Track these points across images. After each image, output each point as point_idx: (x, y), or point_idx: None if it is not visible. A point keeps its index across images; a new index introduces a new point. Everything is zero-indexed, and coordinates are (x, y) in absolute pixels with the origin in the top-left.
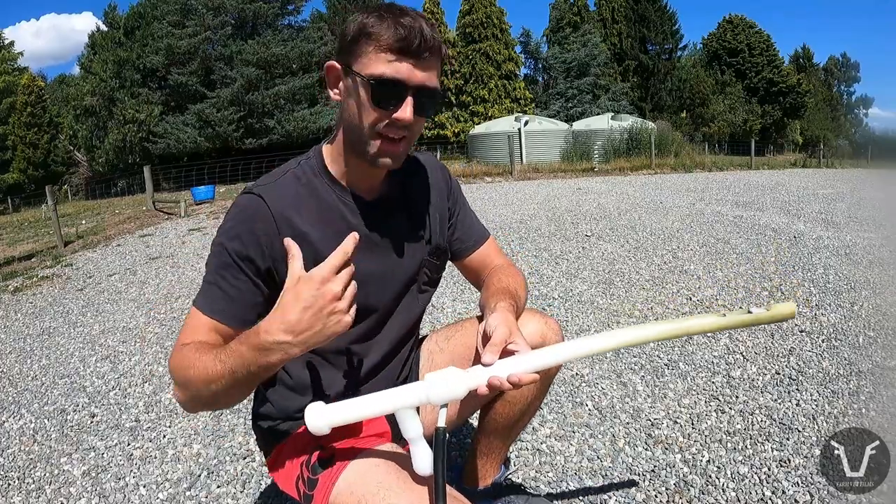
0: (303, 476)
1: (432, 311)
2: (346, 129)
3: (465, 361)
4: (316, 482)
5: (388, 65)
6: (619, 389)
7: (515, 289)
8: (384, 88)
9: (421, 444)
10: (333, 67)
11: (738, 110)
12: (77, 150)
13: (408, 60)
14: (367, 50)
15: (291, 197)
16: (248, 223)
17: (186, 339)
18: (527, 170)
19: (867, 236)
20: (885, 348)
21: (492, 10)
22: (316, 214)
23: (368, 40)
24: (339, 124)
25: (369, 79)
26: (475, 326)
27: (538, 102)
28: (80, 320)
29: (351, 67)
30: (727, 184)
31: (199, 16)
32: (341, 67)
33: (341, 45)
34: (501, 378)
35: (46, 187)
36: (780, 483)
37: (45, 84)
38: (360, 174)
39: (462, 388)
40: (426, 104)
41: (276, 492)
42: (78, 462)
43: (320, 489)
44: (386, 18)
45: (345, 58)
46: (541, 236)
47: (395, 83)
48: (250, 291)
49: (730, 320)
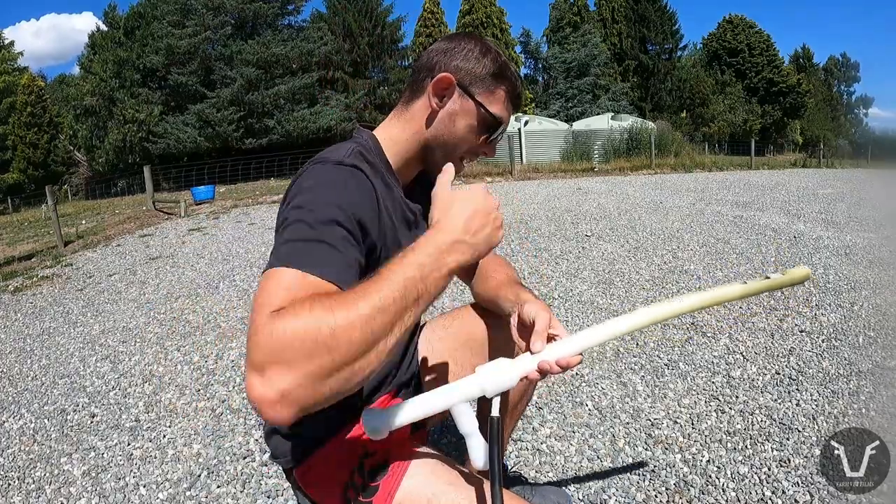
0: (354, 483)
1: (431, 311)
2: (432, 137)
3: (467, 348)
4: (376, 489)
5: (504, 110)
6: (619, 389)
7: (519, 278)
8: (495, 128)
9: (477, 438)
10: (449, 80)
11: (738, 110)
12: (77, 150)
13: (513, 111)
14: (497, 91)
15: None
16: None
17: (281, 301)
18: (527, 170)
19: (867, 236)
20: (885, 348)
21: (492, 10)
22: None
23: (501, 82)
24: (419, 126)
25: (493, 116)
26: (471, 314)
27: (538, 102)
28: (80, 320)
29: (473, 94)
30: (727, 184)
31: (199, 16)
32: (458, 85)
33: (468, 69)
34: (550, 362)
35: (46, 187)
36: (780, 483)
37: (45, 84)
38: (408, 170)
39: (515, 375)
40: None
41: (277, 492)
42: (78, 462)
43: (382, 495)
44: (511, 70)
45: (467, 80)
46: (541, 236)
47: (502, 126)
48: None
49: (751, 287)
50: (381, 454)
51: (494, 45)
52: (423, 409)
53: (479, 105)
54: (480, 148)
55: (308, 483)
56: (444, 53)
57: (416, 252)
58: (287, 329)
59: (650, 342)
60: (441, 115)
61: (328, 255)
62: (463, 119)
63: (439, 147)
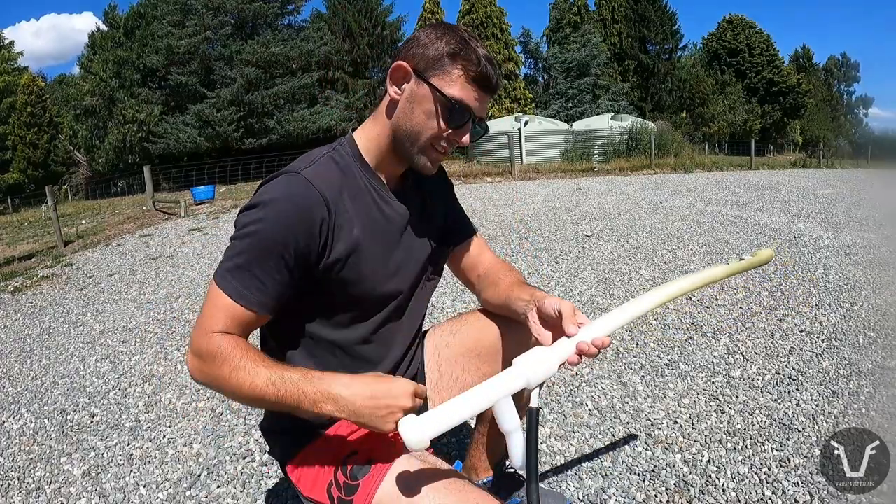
0: (337, 481)
1: (432, 311)
2: (395, 128)
3: (475, 354)
4: (356, 487)
5: (466, 92)
6: (619, 389)
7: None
8: (456, 112)
9: (519, 435)
10: (404, 68)
11: (738, 110)
12: (77, 150)
13: (481, 93)
14: (453, 71)
15: (336, 180)
16: (299, 209)
17: (214, 324)
18: (527, 170)
19: (867, 236)
20: (885, 348)
21: (492, 10)
22: (354, 200)
23: (456, 63)
24: (385, 119)
25: (449, 98)
26: (480, 319)
27: (538, 102)
28: (80, 320)
29: (428, 79)
30: (727, 184)
31: (199, 16)
32: (413, 72)
33: (421, 54)
34: (588, 342)
35: (46, 187)
36: (780, 483)
37: (45, 84)
38: (390, 167)
39: (555, 362)
40: (477, 132)
41: (277, 492)
42: (78, 462)
43: (362, 493)
44: (473, 49)
45: (422, 66)
46: (541, 236)
47: (467, 110)
48: (285, 283)
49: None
50: (365, 454)
51: (464, 32)
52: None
53: (434, 88)
54: (448, 136)
55: (298, 477)
56: (406, 43)
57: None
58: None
59: (650, 342)
60: (401, 103)
61: (253, 288)
62: (420, 105)
63: (405, 137)
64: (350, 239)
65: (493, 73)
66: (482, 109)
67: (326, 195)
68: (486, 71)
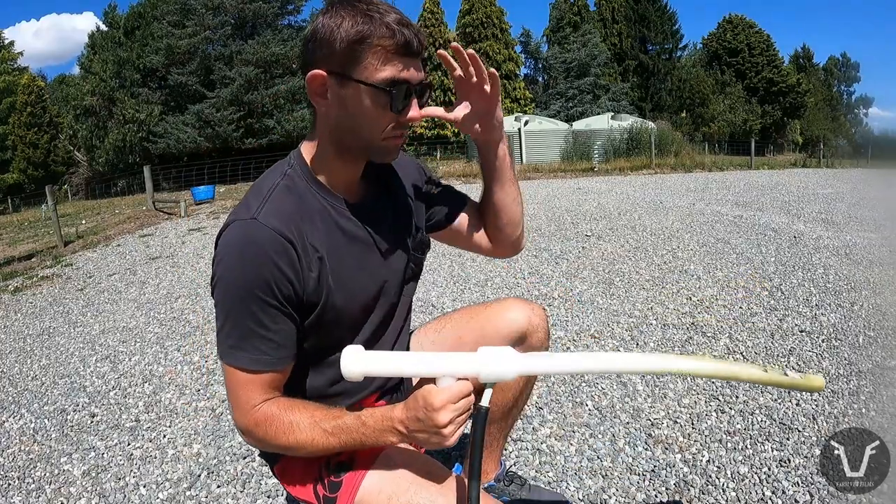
0: (322, 479)
1: (432, 312)
2: (339, 139)
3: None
4: (340, 484)
5: (395, 69)
6: (619, 389)
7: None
8: (394, 95)
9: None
10: (320, 77)
11: (738, 110)
12: (77, 150)
13: (411, 61)
14: (369, 57)
15: (293, 212)
16: (268, 260)
17: (247, 400)
18: (527, 170)
19: (867, 236)
20: (885, 348)
21: (492, 9)
22: (315, 226)
23: (369, 47)
24: (322, 130)
25: (378, 85)
26: (463, 318)
27: (538, 102)
28: (80, 320)
29: (349, 76)
30: (727, 184)
31: (199, 16)
32: (329, 76)
33: (329, 54)
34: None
35: (46, 187)
36: (780, 483)
37: (45, 84)
38: (343, 178)
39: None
40: (425, 98)
41: (277, 492)
42: (78, 462)
43: (345, 491)
44: (377, 21)
45: (336, 65)
46: (541, 236)
47: (403, 85)
48: (292, 330)
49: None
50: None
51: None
52: (404, 366)
53: (359, 83)
54: (397, 118)
55: (285, 479)
56: (307, 47)
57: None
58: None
59: (650, 342)
60: (334, 112)
61: (267, 349)
62: (355, 106)
63: (353, 144)
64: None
65: (412, 34)
66: (417, 74)
67: (287, 234)
68: (402, 38)
